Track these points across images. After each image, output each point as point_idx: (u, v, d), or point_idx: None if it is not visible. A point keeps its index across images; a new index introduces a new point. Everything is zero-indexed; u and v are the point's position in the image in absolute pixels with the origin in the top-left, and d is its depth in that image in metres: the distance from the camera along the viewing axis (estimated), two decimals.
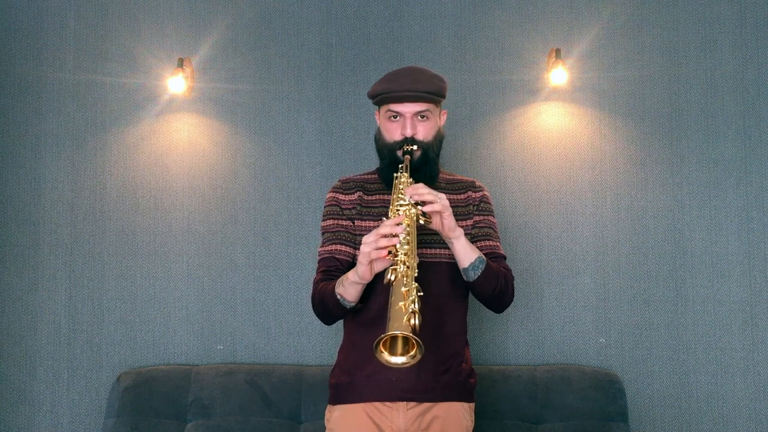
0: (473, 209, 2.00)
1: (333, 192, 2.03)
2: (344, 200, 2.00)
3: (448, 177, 2.06)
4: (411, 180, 1.83)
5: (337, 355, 2.02)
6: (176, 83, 2.73)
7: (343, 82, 2.80)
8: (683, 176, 2.72)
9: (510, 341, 2.70)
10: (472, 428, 1.95)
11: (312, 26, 2.83)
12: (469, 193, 2.03)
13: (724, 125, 2.72)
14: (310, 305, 1.95)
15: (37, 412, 2.75)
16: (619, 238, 2.71)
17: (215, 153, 2.81)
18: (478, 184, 2.06)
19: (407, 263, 1.61)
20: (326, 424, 1.96)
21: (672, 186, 2.72)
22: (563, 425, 2.48)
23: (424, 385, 1.86)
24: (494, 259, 1.94)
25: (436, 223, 1.78)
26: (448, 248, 1.87)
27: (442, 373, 1.89)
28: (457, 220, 1.92)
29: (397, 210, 1.74)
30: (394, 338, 1.53)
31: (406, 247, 1.63)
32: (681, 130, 2.73)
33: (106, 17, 2.86)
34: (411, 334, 1.46)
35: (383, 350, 1.52)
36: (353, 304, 1.83)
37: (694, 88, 2.74)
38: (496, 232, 2.01)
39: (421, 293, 1.58)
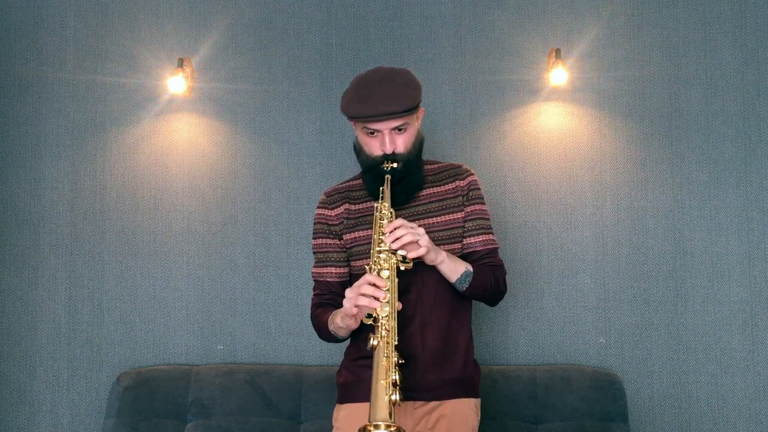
0: (462, 200, 1.95)
1: (319, 208, 2.01)
2: (331, 216, 1.98)
3: (432, 167, 2.00)
4: (392, 211, 1.80)
5: (343, 356, 2.02)
6: (176, 83, 2.73)
7: (343, 82, 2.80)
8: (683, 176, 2.72)
9: (510, 341, 2.70)
10: (477, 426, 1.93)
11: (312, 26, 2.83)
12: (457, 182, 1.96)
13: (724, 125, 2.72)
14: (310, 305, 2.01)
15: (37, 412, 2.75)
16: (619, 238, 2.71)
17: (215, 153, 2.81)
18: (464, 168, 1.99)
19: (387, 327, 1.64)
20: (333, 423, 1.96)
21: (672, 186, 2.72)
22: (563, 425, 2.48)
23: (430, 383, 1.85)
24: (488, 255, 1.94)
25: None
26: (450, 245, 1.90)
27: (446, 369, 1.89)
28: (446, 213, 1.92)
29: (378, 257, 1.72)
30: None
31: (387, 308, 1.66)
32: (681, 130, 2.73)
33: (106, 17, 2.86)
34: (391, 422, 1.52)
35: (370, 429, 1.59)
36: (347, 337, 1.89)
37: (694, 88, 2.74)
38: (488, 221, 1.97)
39: (402, 361, 1.66)
